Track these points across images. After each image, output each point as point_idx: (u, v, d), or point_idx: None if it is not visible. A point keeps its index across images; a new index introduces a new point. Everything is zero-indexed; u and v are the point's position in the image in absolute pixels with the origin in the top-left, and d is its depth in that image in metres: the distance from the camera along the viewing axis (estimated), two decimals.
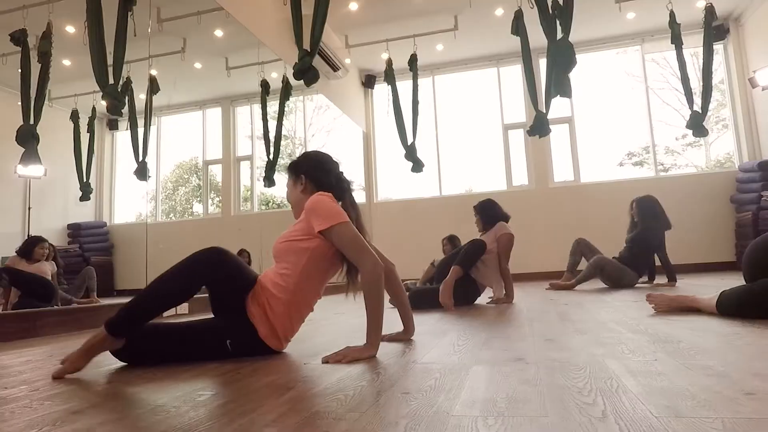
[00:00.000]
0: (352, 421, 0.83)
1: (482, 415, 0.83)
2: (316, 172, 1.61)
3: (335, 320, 2.59)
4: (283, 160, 8.50)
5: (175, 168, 7.88)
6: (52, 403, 1.06)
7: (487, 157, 7.13)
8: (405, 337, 1.76)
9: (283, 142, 8.49)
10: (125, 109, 5.13)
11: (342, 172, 1.64)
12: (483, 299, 3.31)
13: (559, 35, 4.31)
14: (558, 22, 4.34)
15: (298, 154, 8.19)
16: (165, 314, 3.24)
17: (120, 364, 1.51)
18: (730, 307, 1.88)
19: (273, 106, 6.01)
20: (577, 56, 6.73)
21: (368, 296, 1.43)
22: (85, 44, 3.67)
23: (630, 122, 6.75)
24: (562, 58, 3.82)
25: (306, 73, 3.39)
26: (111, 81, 3.69)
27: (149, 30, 4.25)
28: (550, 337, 1.65)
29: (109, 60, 3.75)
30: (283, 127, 8.29)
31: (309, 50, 3.49)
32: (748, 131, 6.02)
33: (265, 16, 4.77)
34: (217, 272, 1.46)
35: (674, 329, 1.66)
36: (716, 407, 0.80)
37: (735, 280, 2.04)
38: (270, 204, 7.31)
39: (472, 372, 1.18)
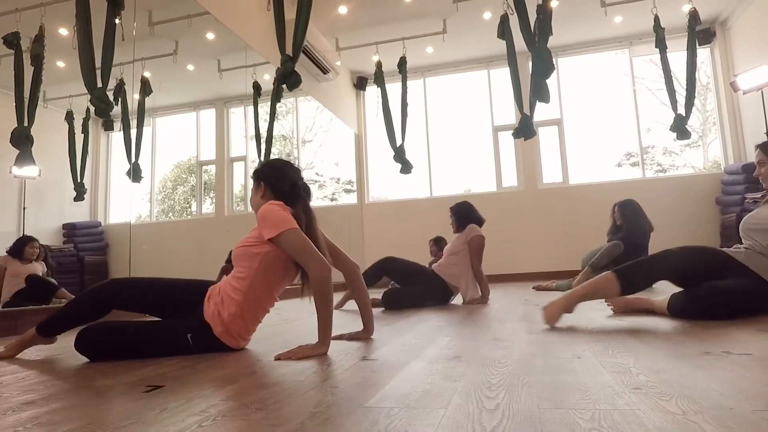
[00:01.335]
0: (271, 411, 0.91)
1: (390, 406, 0.91)
2: (273, 180, 1.69)
3: (310, 320, 2.67)
4: None
5: (174, 167, 7.98)
6: (10, 395, 1.15)
7: (477, 159, 7.20)
8: (364, 336, 1.84)
9: (282, 143, 8.59)
10: (119, 111, 5.23)
11: (298, 181, 1.70)
12: (461, 299, 3.39)
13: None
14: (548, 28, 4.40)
15: (295, 155, 8.26)
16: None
17: (87, 359, 1.60)
18: (677, 309, 1.98)
19: (267, 107, 6.07)
20: (567, 59, 6.85)
21: (316, 297, 1.52)
22: (75, 48, 3.75)
23: (621, 124, 6.81)
24: (540, 64, 3.89)
25: (288, 78, 3.47)
26: (99, 84, 3.76)
27: (134, 33, 4.31)
28: (500, 336, 1.72)
29: (99, 63, 3.82)
30: (282, 128, 8.37)
31: (291, 55, 3.57)
32: (734, 134, 6.08)
33: (253, 21, 4.85)
34: (115, 303, 1.67)
35: (618, 330, 1.74)
36: (599, 400, 0.87)
37: None
38: None
39: (407, 368, 1.25)
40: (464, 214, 3.20)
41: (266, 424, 0.83)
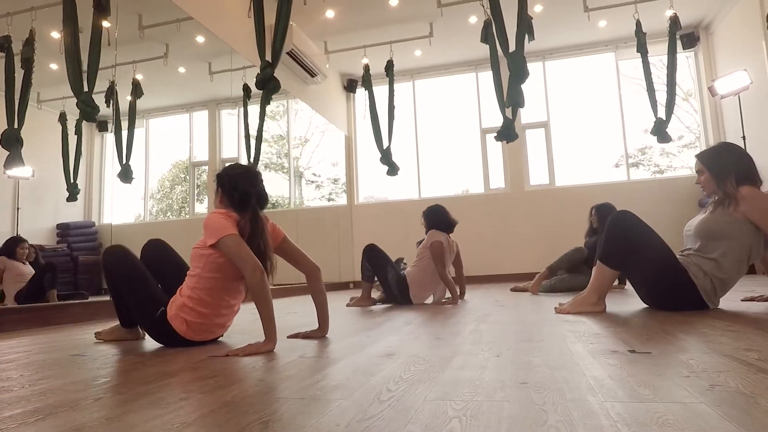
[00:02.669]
0: (190, 401, 1.01)
1: (299, 397, 1.00)
2: (228, 188, 1.81)
3: (284, 319, 2.77)
4: (281, 160, 8.65)
5: (172, 167, 8.10)
6: None
7: (466, 161, 7.29)
8: (318, 334, 1.94)
9: (279, 143, 8.69)
10: (112, 113, 5.33)
11: (250, 190, 1.79)
12: (431, 299, 3.48)
13: (526, 47, 4.45)
14: (524, 34, 4.47)
15: (291, 154, 8.32)
16: None
17: (65, 352, 1.69)
18: (603, 255, 2.30)
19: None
20: (554, 62, 6.92)
21: (254, 298, 1.65)
22: (62, 53, 3.84)
23: (609, 126, 6.88)
24: (515, 69, 3.97)
25: (267, 83, 3.57)
26: (86, 88, 3.85)
27: (116, 36, 4.40)
28: (442, 336, 1.81)
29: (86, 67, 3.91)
30: (279, 128, 8.46)
31: (270, 61, 3.67)
32: (717, 137, 6.16)
33: (237, 25, 4.95)
34: (150, 257, 2.00)
35: (555, 329, 1.83)
36: (485, 393, 0.96)
37: None
38: None
39: (339, 364, 1.35)
40: (432, 218, 3.29)
41: (178, 413, 0.92)
